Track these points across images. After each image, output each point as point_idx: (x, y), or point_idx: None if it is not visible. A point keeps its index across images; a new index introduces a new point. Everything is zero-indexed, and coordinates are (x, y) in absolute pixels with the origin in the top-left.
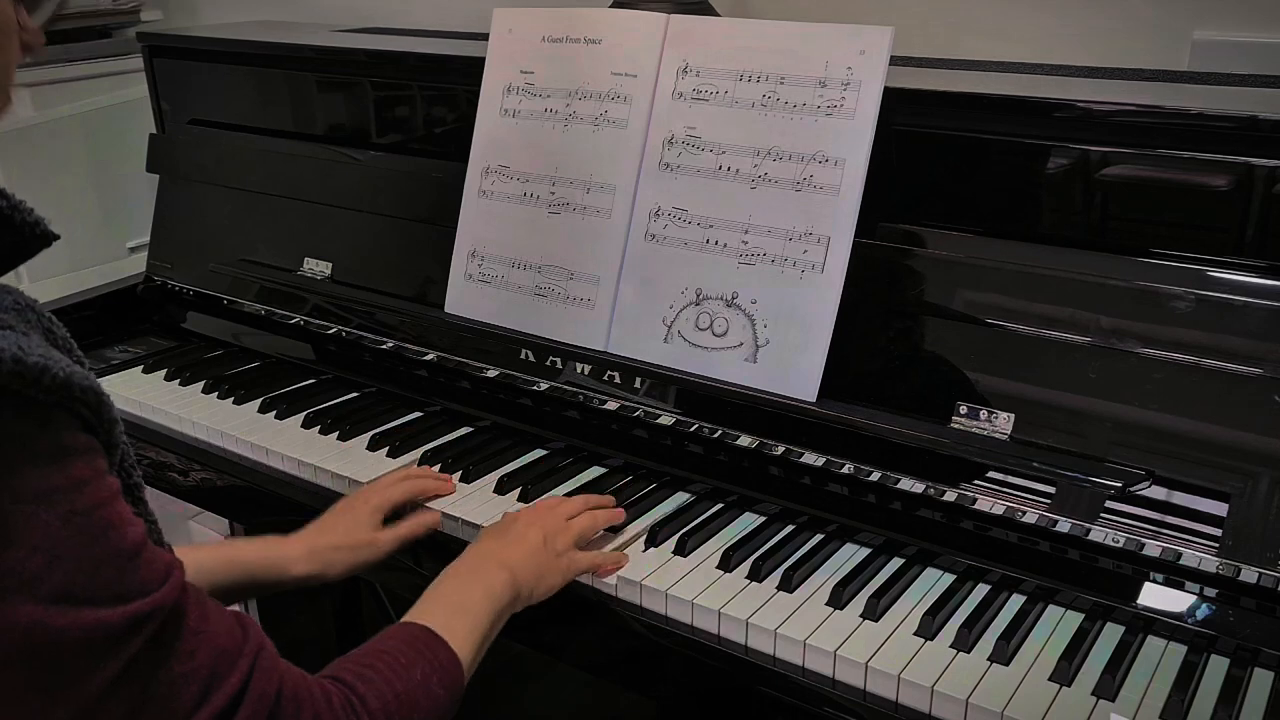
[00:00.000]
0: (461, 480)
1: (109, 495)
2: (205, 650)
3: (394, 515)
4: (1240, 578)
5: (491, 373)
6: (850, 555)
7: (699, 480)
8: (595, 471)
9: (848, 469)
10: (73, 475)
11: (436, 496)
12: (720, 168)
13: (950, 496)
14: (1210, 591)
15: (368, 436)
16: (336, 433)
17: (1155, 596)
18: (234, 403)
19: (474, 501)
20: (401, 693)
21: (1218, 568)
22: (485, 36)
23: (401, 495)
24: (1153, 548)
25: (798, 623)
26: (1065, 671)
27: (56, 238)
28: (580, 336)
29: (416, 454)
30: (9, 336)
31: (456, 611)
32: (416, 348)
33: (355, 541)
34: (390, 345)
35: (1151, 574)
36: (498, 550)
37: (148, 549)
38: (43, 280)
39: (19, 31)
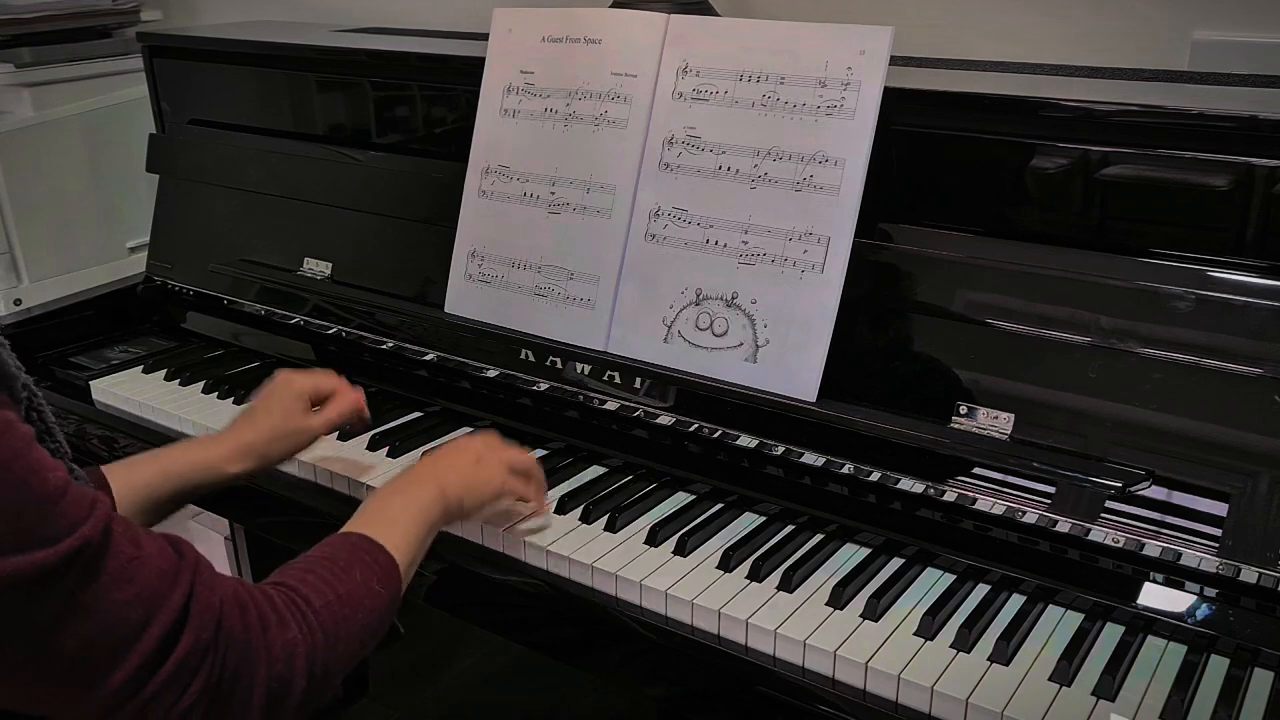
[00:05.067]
0: None
1: (23, 444)
2: (142, 574)
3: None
4: (1240, 578)
5: (491, 373)
6: (850, 555)
7: (699, 480)
8: (595, 471)
9: (848, 469)
10: None
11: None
12: (720, 168)
13: (950, 496)
14: (1210, 591)
15: (367, 436)
16: (336, 432)
17: (1155, 596)
18: (234, 403)
19: None
20: (344, 593)
21: (1218, 568)
22: (485, 36)
23: (330, 387)
24: (1153, 548)
25: (798, 623)
26: (1065, 671)
27: None
28: (580, 336)
29: (416, 454)
30: None
31: (388, 522)
32: (416, 348)
33: (289, 429)
34: (390, 345)
35: (1151, 574)
36: (428, 467)
37: (71, 488)
38: (43, 280)
39: None
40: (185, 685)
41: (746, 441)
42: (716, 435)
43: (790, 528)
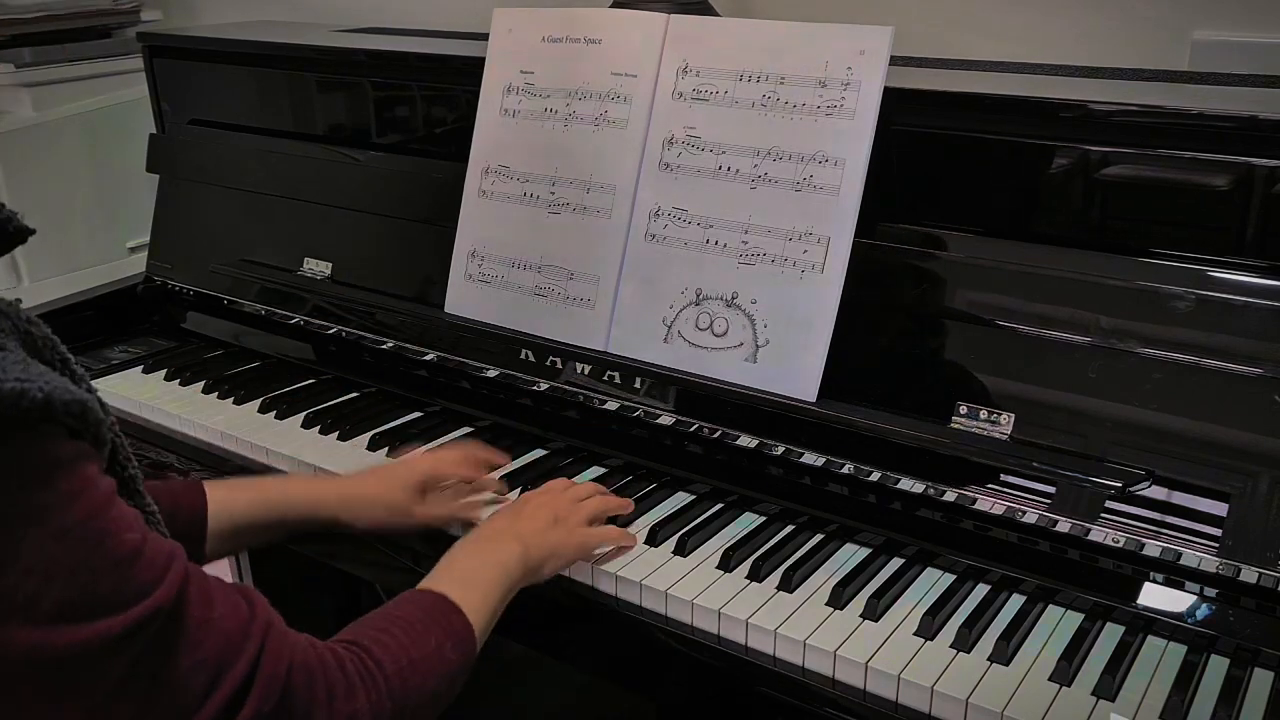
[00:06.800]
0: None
1: (102, 502)
2: (211, 639)
3: None
4: (1240, 578)
5: (491, 373)
6: (850, 555)
7: (699, 480)
8: (595, 471)
9: (848, 469)
10: (62, 490)
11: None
12: (720, 168)
13: (950, 496)
14: (1210, 591)
15: (368, 436)
16: (337, 433)
17: (1155, 596)
18: (234, 403)
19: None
20: (416, 658)
21: (1218, 568)
22: (485, 36)
23: (454, 476)
24: (1153, 548)
25: (798, 623)
26: (1065, 671)
27: (31, 232)
28: (580, 336)
29: (416, 454)
30: None
31: (470, 582)
32: (416, 348)
33: (391, 503)
34: (390, 345)
35: (1151, 574)
36: (511, 525)
37: (147, 545)
38: (42, 280)
39: None
40: None
41: (746, 441)
42: (716, 435)
43: (790, 528)
